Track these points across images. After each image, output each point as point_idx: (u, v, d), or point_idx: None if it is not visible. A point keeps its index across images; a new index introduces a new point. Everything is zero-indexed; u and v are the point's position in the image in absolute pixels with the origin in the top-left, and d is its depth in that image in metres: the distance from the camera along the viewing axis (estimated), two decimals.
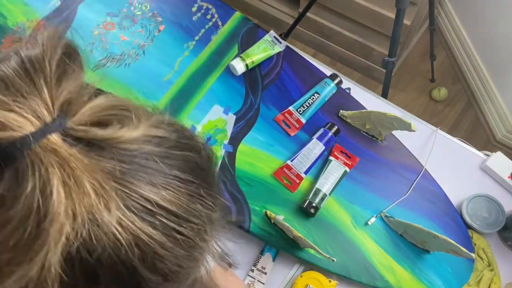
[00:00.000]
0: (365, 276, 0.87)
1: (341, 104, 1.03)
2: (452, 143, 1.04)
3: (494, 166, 0.98)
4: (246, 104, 1.02)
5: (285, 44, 1.08)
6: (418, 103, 1.96)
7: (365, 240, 0.90)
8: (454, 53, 2.01)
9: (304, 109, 1.00)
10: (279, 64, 1.06)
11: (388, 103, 1.09)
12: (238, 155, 0.96)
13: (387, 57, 1.37)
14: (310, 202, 0.90)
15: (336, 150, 0.96)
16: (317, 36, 2.05)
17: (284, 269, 0.93)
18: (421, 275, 0.88)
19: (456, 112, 1.94)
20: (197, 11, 1.11)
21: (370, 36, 1.85)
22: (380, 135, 0.98)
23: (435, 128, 1.05)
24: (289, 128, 1.00)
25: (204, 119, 1.00)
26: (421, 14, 1.78)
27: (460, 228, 0.92)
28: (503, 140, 1.79)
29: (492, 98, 1.82)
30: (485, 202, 0.95)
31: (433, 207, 0.94)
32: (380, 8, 1.68)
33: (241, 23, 1.10)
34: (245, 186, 0.93)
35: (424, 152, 1.02)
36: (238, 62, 1.03)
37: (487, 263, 0.92)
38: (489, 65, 1.82)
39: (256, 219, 0.91)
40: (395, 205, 0.94)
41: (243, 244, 0.96)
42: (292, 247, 0.89)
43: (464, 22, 1.93)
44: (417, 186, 0.95)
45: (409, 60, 2.06)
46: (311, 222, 0.91)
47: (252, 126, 0.99)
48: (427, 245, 0.88)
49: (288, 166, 0.95)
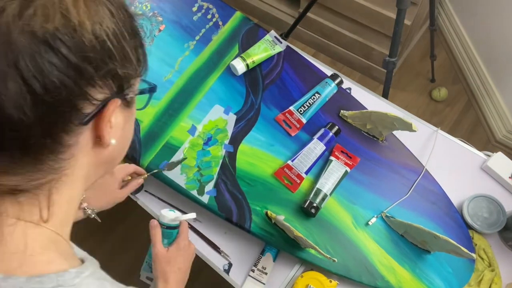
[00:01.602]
0: (366, 276, 0.87)
1: (341, 104, 1.03)
2: (453, 143, 1.04)
3: (495, 166, 0.98)
4: (246, 104, 1.02)
5: (286, 44, 1.08)
6: (418, 103, 1.96)
7: (366, 240, 0.90)
8: (454, 53, 2.01)
9: (305, 109, 1.00)
10: (280, 64, 1.06)
11: (388, 103, 1.09)
12: (238, 155, 0.96)
13: (387, 57, 1.37)
14: (311, 202, 0.90)
15: (336, 150, 0.96)
16: (318, 36, 2.05)
17: (285, 269, 0.93)
18: (422, 275, 0.88)
19: (456, 112, 1.94)
20: (197, 11, 1.11)
21: (370, 36, 1.85)
22: (380, 135, 0.98)
23: (436, 128, 1.05)
24: (290, 128, 0.99)
25: (204, 119, 1.00)
26: (421, 14, 1.78)
27: (461, 228, 0.92)
28: (503, 140, 1.79)
29: (492, 98, 1.82)
30: (485, 202, 0.95)
31: (434, 207, 0.94)
32: (380, 8, 1.68)
33: (241, 23, 1.10)
34: (246, 186, 0.93)
35: (424, 152, 1.02)
36: (239, 62, 1.03)
37: (488, 264, 0.92)
38: (489, 65, 1.82)
39: (257, 219, 0.91)
40: (395, 205, 0.93)
41: (244, 244, 0.96)
42: (293, 247, 0.89)
43: (464, 22, 1.94)
44: (417, 186, 0.95)
45: (410, 60, 2.06)
46: (312, 222, 0.91)
47: (252, 126, 0.99)
48: (428, 245, 0.88)
49: (288, 166, 0.94)
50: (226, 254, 0.96)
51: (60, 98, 0.34)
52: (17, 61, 0.31)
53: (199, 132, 0.99)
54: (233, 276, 0.93)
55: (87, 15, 0.35)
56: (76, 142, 0.38)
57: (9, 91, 0.32)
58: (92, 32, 0.35)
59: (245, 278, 0.92)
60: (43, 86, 0.33)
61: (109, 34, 0.36)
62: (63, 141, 0.36)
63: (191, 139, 0.98)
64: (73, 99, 0.35)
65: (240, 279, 0.93)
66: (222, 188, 0.93)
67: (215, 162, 0.96)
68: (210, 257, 0.95)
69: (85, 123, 0.37)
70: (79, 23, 0.34)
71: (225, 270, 0.94)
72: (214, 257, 0.95)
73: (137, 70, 0.42)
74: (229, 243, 0.96)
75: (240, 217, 0.91)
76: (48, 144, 0.36)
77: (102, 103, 0.37)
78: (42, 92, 0.33)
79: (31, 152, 0.35)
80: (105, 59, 0.36)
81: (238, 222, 0.91)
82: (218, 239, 0.97)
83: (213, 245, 0.96)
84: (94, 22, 0.35)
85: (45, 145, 0.36)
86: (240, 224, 0.91)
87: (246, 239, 0.96)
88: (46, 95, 0.33)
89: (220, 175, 0.95)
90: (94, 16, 0.35)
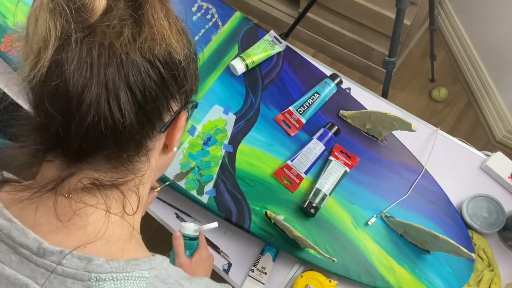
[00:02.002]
0: (365, 276, 0.87)
1: (341, 104, 1.03)
2: (452, 143, 1.04)
3: (495, 166, 0.98)
4: (246, 104, 1.02)
5: (285, 44, 1.08)
6: (418, 103, 1.96)
7: (366, 240, 0.90)
8: (454, 53, 2.01)
9: (304, 109, 1.00)
10: (279, 64, 1.06)
11: (388, 103, 1.09)
12: (238, 155, 0.96)
13: (387, 57, 1.37)
14: (310, 202, 0.90)
15: (336, 150, 0.96)
16: (317, 36, 2.05)
17: (284, 269, 0.93)
18: (422, 275, 0.88)
19: (456, 112, 1.94)
20: (197, 11, 1.11)
21: (370, 36, 1.85)
22: (380, 135, 0.98)
23: (435, 128, 1.05)
24: (289, 128, 0.99)
25: (204, 119, 1.00)
26: (421, 14, 1.78)
27: (460, 228, 0.92)
28: (503, 140, 1.79)
29: (492, 98, 1.82)
30: (485, 202, 0.95)
31: (434, 207, 0.94)
32: (380, 8, 1.67)
33: (241, 23, 1.10)
34: (245, 186, 0.93)
35: (424, 152, 1.02)
36: (238, 62, 1.03)
37: (487, 263, 0.92)
38: (489, 65, 1.82)
39: (256, 219, 0.91)
40: (395, 205, 0.93)
41: (243, 244, 0.96)
42: (292, 247, 0.89)
43: (464, 22, 1.93)
44: (417, 186, 0.95)
45: (409, 60, 2.06)
46: (311, 222, 0.91)
47: (252, 126, 0.99)
48: (427, 245, 0.88)
49: (288, 166, 0.94)
50: (225, 254, 0.96)
51: (153, 107, 0.41)
52: (128, 75, 0.38)
53: (199, 132, 0.99)
54: (233, 276, 0.93)
55: (178, 43, 0.42)
56: (153, 147, 0.45)
57: (119, 98, 0.38)
58: (180, 56, 0.43)
59: (245, 278, 0.92)
60: (144, 96, 0.40)
61: (188, 58, 0.44)
62: (147, 144, 0.44)
63: (190, 139, 0.98)
64: (161, 109, 0.43)
65: (239, 279, 0.93)
66: (221, 188, 0.94)
67: (214, 162, 0.96)
68: None
69: (164, 131, 0.44)
70: (174, 49, 0.42)
71: (225, 270, 0.94)
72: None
73: (197, 87, 0.50)
74: (229, 243, 0.96)
75: (239, 217, 0.91)
76: (137, 147, 0.43)
77: (175, 114, 0.45)
78: (142, 102, 0.40)
79: (124, 152, 0.42)
80: (185, 78, 0.44)
81: (238, 222, 0.91)
82: (218, 239, 0.97)
83: (213, 245, 0.96)
84: (181, 48, 0.43)
85: (135, 147, 0.42)
86: (240, 224, 0.91)
87: (245, 239, 0.96)
88: (145, 104, 0.40)
89: (219, 175, 0.95)
90: (180, 43, 0.43)
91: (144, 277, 0.40)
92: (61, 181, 0.40)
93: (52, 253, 0.38)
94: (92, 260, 0.39)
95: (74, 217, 0.41)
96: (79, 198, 0.41)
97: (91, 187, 0.41)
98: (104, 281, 0.38)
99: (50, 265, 0.38)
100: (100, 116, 0.38)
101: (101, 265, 0.39)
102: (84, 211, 0.41)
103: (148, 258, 0.42)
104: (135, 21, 0.40)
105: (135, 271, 0.40)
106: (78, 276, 0.38)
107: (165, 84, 0.42)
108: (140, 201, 0.46)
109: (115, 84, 0.38)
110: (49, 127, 0.39)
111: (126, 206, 0.44)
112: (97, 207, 0.42)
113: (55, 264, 0.38)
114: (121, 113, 0.39)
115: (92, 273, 0.38)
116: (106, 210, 0.42)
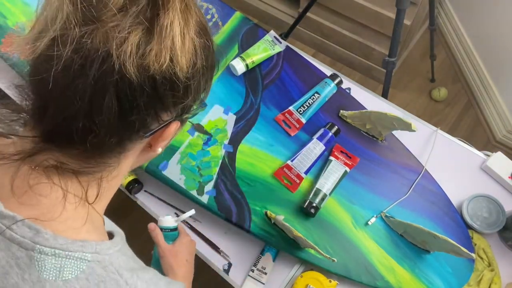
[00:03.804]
0: (366, 276, 0.87)
1: (341, 104, 1.03)
2: (452, 143, 1.04)
3: (495, 166, 0.98)
4: (246, 104, 1.02)
5: (285, 44, 1.08)
6: (418, 103, 1.96)
7: (366, 240, 0.90)
8: (454, 53, 2.01)
9: (305, 109, 1.00)
10: (279, 64, 1.06)
11: (388, 103, 1.09)
12: (238, 155, 0.96)
13: (387, 57, 1.37)
14: (311, 202, 0.90)
15: (336, 150, 0.96)
16: (317, 36, 2.05)
17: (285, 269, 0.93)
18: (421, 275, 0.88)
19: (456, 112, 1.94)
20: None
21: (370, 36, 1.85)
22: (380, 135, 0.98)
23: (435, 128, 1.05)
24: (289, 128, 1.00)
25: (204, 119, 1.00)
26: (421, 14, 1.78)
27: (461, 228, 0.92)
28: (503, 140, 1.79)
29: (492, 98, 1.82)
30: (485, 202, 0.95)
31: (434, 207, 0.94)
32: (380, 8, 1.68)
33: (241, 23, 1.10)
34: (245, 186, 0.93)
35: (424, 152, 1.02)
36: (238, 62, 1.03)
37: (488, 263, 0.92)
38: (489, 65, 1.82)
39: (257, 219, 0.91)
40: (395, 205, 0.93)
41: (243, 244, 0.96)
42: (293, 247, 0.89)
43: (464, 22, 1.93)
44: (417, 186, 0.95)
45: (409, 60, 2.06)
46: (311, 222, 0.91)
47: (252, 126, 0.99)
48: (427, 245, 0.88)
49: (288, 166, 0.94)
50: (225, 254, 0.96)
51: (138, 116, 0.40)
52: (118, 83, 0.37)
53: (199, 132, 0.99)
54: (233, 276, 0.93)
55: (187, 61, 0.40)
56: (133, 147, 0.45)
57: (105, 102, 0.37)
58: (186, 75, 0.41)
59: (245, 278, 0.92)
60: (131, 106, 0.39)
61: (195, 73, 0.42)
62: (126, 146, 0.44)
63: (190, 139, 0.98)
64: (148, 118, 0.42)
65: (239, 279, 0.93)
66: (221, 188, 0.94)
67: (214, 162, 0.96)
68: (210, 257, 0.95)
69: (147, 137, 0.44)
70: (180, 68, 0.40)
71: (225, 270, 0.94)
72: (213, 257, 0.95)
73: (201, 98, 0.48)
74: (229, 243, 0.97)
75: (239, 217, 0.91)
76: (115, 146, 0.43)
77: (165, 123, 0.44)
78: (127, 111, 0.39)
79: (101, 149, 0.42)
80: (184, 95, 0.43)
81: (238, 222, 0.91)
82: (218, 239, 0.97)
83: (213, 245, 0.96)
84: (190, 65, 0.41)
85: (113, 146, 0.43)
86: (240, 224, 0.91)
87: (245, 239, 0.96)
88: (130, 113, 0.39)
89: (219, 175, 0.95)
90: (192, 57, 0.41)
91: (86, 259, 0.41)
92: (28, 155, 0.41)
93: (5, 216, 0.40)
94: (40, 232, 0.40)
95: (29, 191, 0.41)
96: (39, 175, 0.42)
97: (53, 168, 0.42)
98: (46, 255, 0.39)
99: (0, 227, 0.39)
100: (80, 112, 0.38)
101: (48, 239, 0.40)
102: (39, 188, 0.42)
103: (96, 242, 0.42)
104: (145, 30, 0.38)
105: (78, 252, 0.41)
106: (23, 245, 0.39)
107: (159, 99, 0.40)
108: (100, 193, 0.46)
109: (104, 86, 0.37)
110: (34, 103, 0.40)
111: (88, 192, 0.45)
112: (52, 188, 0.42)
113: (4, 227, 0.39)
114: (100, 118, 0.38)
115: (37, 244, 0.39)
116: (63, 192, 0.43)
